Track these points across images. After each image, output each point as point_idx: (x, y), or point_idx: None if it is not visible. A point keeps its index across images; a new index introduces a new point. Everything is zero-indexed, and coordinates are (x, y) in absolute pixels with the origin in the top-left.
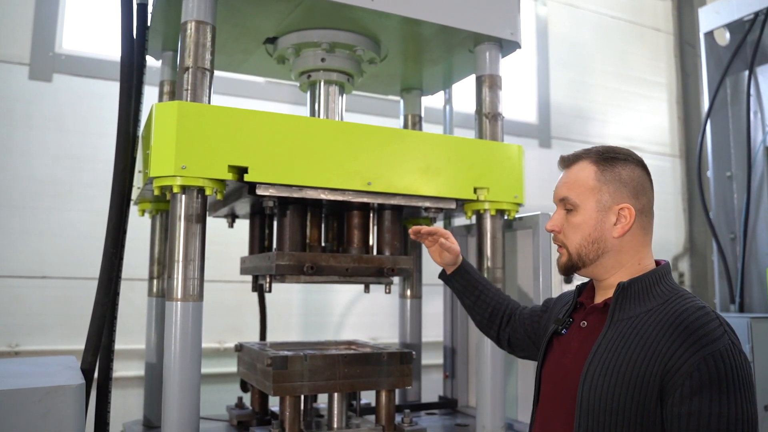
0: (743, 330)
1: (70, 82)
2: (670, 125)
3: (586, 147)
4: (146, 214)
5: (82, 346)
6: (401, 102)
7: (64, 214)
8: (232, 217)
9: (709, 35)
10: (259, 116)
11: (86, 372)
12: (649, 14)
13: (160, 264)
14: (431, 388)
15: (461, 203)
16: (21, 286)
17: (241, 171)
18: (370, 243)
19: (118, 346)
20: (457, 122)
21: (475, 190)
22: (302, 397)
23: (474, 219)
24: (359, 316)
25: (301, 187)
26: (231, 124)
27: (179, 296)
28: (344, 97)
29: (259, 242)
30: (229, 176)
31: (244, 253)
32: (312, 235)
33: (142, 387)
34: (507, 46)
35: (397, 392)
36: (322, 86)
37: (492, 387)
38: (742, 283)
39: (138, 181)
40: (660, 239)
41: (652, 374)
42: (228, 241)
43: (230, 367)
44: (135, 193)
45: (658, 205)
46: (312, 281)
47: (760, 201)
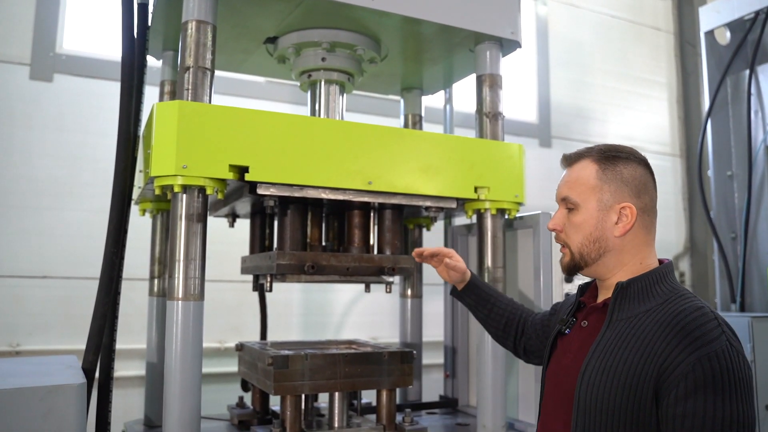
0: (744, 329)
1: (71, 82)
2: (670, 124)
3: (586, 146)
4: (147, 214)
5: (83, 346)
6: (401, 101)
7: (65, 214)
8: (232, 217)
9: (710, 34)
10: (260, 116)
11: (87, 371)
12: (649, 13)
13: (161, 263)
14: (432, 387)
15: (462, 202)
16: (22, 286)
17: (241, 170)
18: (371, 242)
19: (119, 345)
20: (458, 122)
21: (476, 190)
22: (303, 396)
23: (474, 218)
24: (360, 315)
25: (302, 187)
26: (232, 124)
27: (180, 296)
28: (345, 96)
29: (259, 242)
30: (229, 176)
31: (245, 253)
32: (313, 234)
33: (143, 386)
34: (507, 45)
35: (397, 392)
36: (322, 86)
37: (493, 386)
38: (742, 283)
39: (139, 180)
40: (660, 239)
41: (648, 374)
42: (229, 240)
43: (231, 366)
44: (136, 193)
45: (659, 205)
46: (313, 281)
47: (760, 200)
